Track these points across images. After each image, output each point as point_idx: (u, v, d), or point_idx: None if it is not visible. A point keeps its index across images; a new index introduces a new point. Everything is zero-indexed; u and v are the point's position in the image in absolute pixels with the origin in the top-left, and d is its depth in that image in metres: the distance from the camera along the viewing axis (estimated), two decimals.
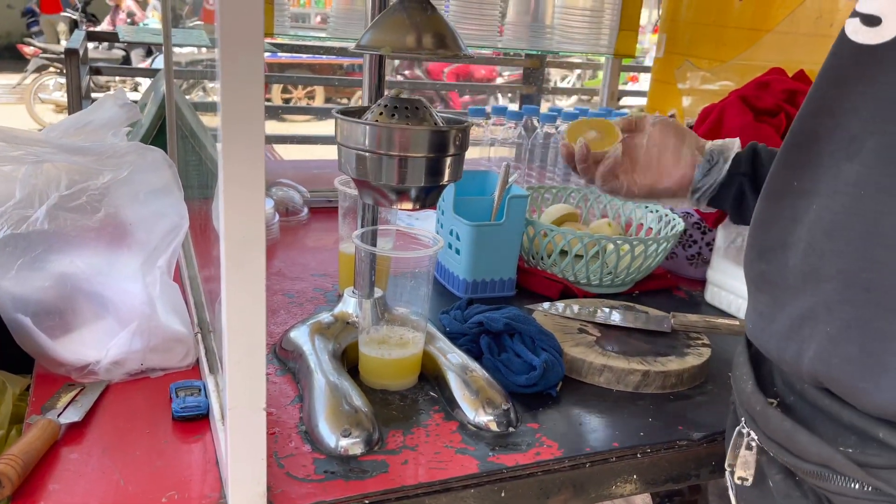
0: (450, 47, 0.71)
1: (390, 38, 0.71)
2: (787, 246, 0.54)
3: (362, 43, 0.73)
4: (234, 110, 0.50)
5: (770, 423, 0.56)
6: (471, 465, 0.72)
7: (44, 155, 0.81)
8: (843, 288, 0.49)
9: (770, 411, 0.56)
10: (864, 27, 0.51)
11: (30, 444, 0.66)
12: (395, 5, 0.72)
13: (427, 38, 0.71)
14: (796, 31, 1.32)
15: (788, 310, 0.54)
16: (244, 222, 0.53)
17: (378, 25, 0.73)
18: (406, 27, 0.70)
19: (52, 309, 0.81)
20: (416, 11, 0.71)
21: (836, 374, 0.50)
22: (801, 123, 0.57)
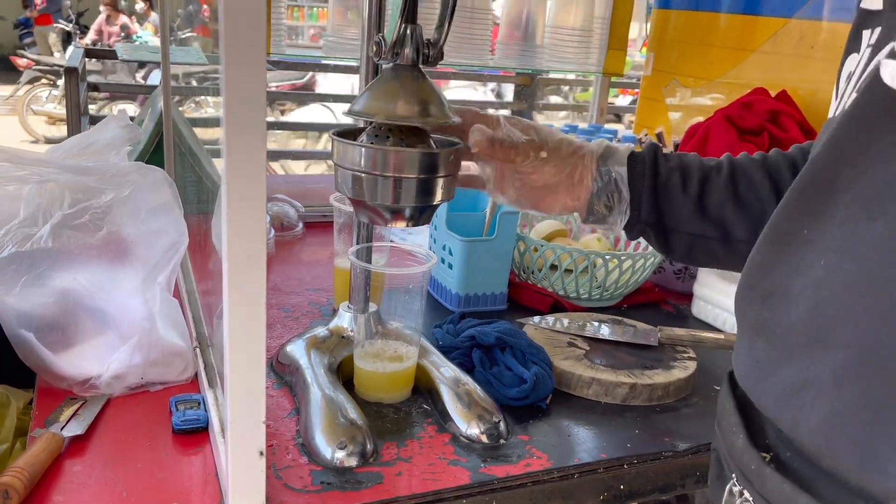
0: (435, 116, 0.74)
1: (382, 105, 0.74)
2: (789, 297, 0.50)
3: (355, 109, 0.76)
4: (238, 147, 0.53)
5: (767, 485, 0.50)
6: (463, 476, 0.74)
7: (47, 175, 0.83)
8: (857, 362, 0.44)
9: (767, 471, 0.50)
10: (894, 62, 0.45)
11: (35, 457, 0.68)
12: (387, 72, 0.75)
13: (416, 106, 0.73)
14: (779, 52, 1.36)
15: (788, 370, 0.49)
16: (246, 243, 0.55)
17: (371, 91, 0.76)
18: (397, 95, 0.73)
19: (55, 324, 0.84)
20: (408, 80, 0.74)
21: (840, 454, 0.45)
22: (817, 167, 0.51)
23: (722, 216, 0.74)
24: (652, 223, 0.76)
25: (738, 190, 0.74)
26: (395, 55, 0.73)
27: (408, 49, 0.72)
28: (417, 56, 0.73)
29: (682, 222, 0.76)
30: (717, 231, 0.75)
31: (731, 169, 0.75)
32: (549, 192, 0.78)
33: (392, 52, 0.73)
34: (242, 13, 0.50)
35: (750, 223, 0.74)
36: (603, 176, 0.77)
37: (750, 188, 0.74)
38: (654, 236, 0.77)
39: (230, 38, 0.51)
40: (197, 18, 1.61)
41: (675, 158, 0.77)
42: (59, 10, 10.20)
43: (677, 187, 0.75)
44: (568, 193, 0.78)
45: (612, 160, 0.77)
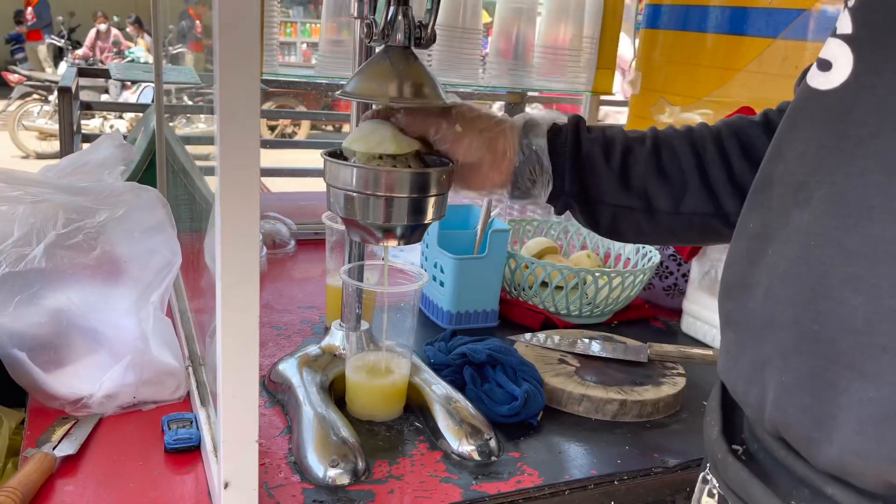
0: (429, 96, 0.75)
1: (374, 86, 0.75)
2: (746, 287, 0.54)
3: (347, 89, 0.77)
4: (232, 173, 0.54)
5: (729, 472, 0.55)
6: (454, 493, 0.75)
7: (41, 195, 0.84)
8: (796, 338, 0.49)
9: (730, 459, 0.55)
10: (818, 71, 0.50)
11: (27, 477, 0.68)
12: (379, 54, 0.76)
13: (408, 87, 0.75)
14: (765, 71, 1.38)
15: (750, 353, 0.53)
16: (239, 261, 0.56)
17: (363, 73, 0.77)
18: (389, 76, 0.74)
19: (48, 344, 0.84)
20: (400, 61, 0.75)
21: (792, 424, 0.49)
22: (761, 167, 0.56)
23: (645, 187, 0.74)
24: (575, 195, 0.76)
25: (662, 161, 0.74)
26: (386, 37, 0.73)
27: (399, 31, 0.73)
28: (409, 38, 0.73)
29: (605, 194, 0.75)
30: (640, 202, 0.75)
31: (655, 140, 0.76)
32: (474, 170, 0.77)
33: (383, 34, 0.73)
34: (236, 31, 0.51)
35: (672, 194, 0.74)
36: (524, 149, 0.76)
37: (673, 159, 0.74)
38: (578, 209, 0.77)
39: (224, 56, 0.51)
40: (190, 34, 1.62)
41: (598, 130, 0.77)
42: (50, 26, 10.22)
43: (600, 158, 0.75)
44: (492, 168, 0.77)
45: (534, 133, 0.76)
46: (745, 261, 0.55)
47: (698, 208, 0.74)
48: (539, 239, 1.37)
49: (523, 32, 1.48)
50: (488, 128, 0.77)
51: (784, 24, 1.36)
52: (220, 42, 0.51)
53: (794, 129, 0.52)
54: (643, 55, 1.69)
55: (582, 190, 0.76)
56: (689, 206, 0.74)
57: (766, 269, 0.52)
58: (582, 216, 0.77)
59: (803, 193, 0.49)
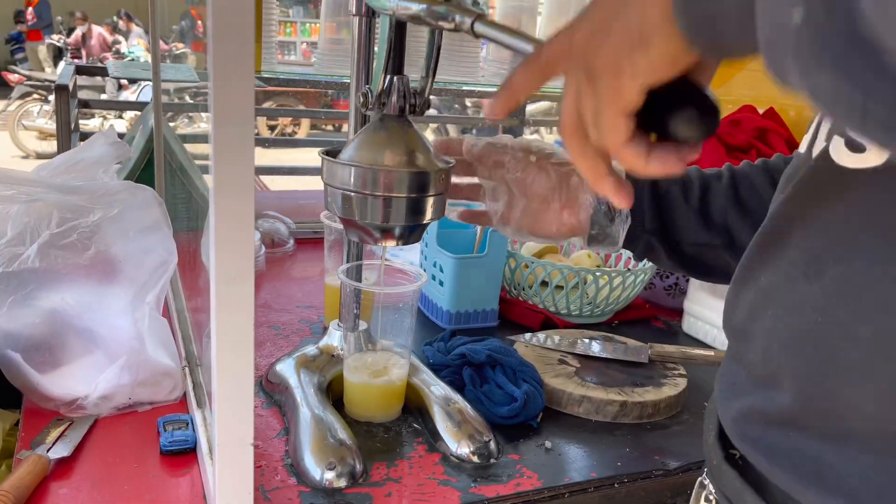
0: (422, 165, 0.75)
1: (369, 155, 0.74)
2: (749, 337, 0.53)
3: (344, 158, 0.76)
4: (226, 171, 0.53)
5: (724, 479, 0.55)
6: (453, 496, 0.74)
7: (35, 193, 0.83)
8: (800, 408, 0.48)
9: (724, 467, 0.55)
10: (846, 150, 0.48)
11: (21, 480, 0.67)
12: (375, 122, 0.76)
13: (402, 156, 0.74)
14: None
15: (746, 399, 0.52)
16: (233, 259, 0.55)
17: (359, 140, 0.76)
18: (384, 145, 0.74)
19: (42, 345, 0.83)
20: (395, 130, 0.75)
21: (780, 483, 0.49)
22: (775, 219, 0.54)
23: (726, 222, 0.74)
24: (656, 231, 0.76)
25: (740, 195, 0.74)
26: (381, 105, 0.74)
27: (394, 99, 0.73)
28: (404, 105, 0.74)
29: (686, 232, 0.75)
30: (722, 238, 0.74)
31: (732, 175, 0.75)
32: (545, 207, 0.77)
33: (379, 102, 0.74)
34: (230, 30, 0.50)
35: (754, 227, 0.72)
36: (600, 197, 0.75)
37: (752, 192, 0.74)
38: (660, 247, 0.76)
39: (218, 54, 0.51)
40: (191, 34, 1.61)
41: None
42: (50, 26, 10.22)
43: (678, 197, 0.75)
44: (565, 207, 0.77)
45: None
46: (746, 311, 0.54)
47: None
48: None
49: (524, 28, 1.47)
50: (562, 164, 0.77)
51: None
52: (214, 38, 0.50)
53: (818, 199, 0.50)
54: None
55: (662, 226, 0.75)
56: None
57: (765, 331, 0.51)
58: (665, 256, 0.77)
59: (817, 266, 0.48)
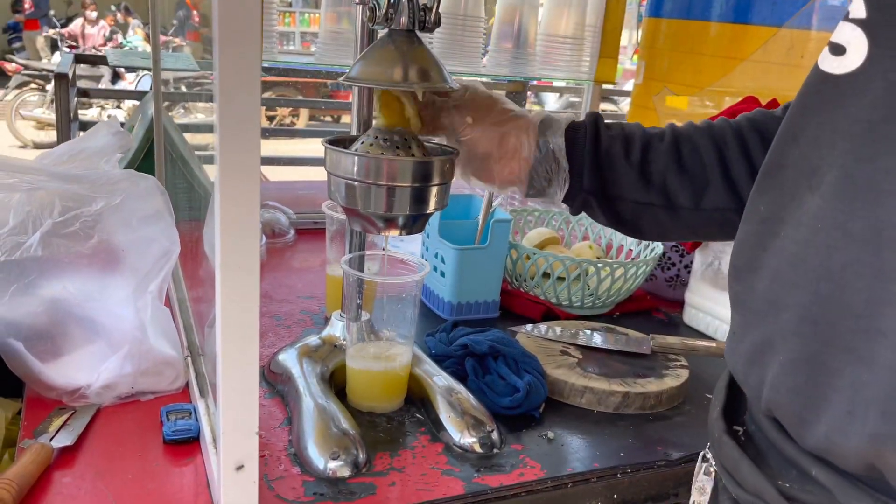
0: (435, 80, 0.74)
1: (378, 70, 0.73)
2: (754, 270, 0.54)
3: (351, 75, 0.76)
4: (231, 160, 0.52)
5: (723, 451, 0.56)
6: (456, 486, 0.74)
7: (38, 182, 0.82)
8: (796, 320, 0.49)
9: (725, 439, 0.56)
10: (831, 56, 0.50)
11: (24, 469, 0.67)
12: (383, 38, 0.75)
13: (413, 71, 0.73)
14: (769, 61, 1.37)
15: (753, 335, 0.54)
16: (239, 252, 0.55)
17: (366, 58, 0.76)
18: (394, 60, 0.73)
19: (44, 334, 0.83)
20: (404, 44, 0.74)
21: (784, 403, 0.50)
22: (772, 150, 0.56)
23: (665, 183, 0.74)
24: (594, 192, 0.75)
25: (682, 156, 0.74)
26: (389, 20, 0.72)
27: (402, 14, 0.71)
28: (413, 21, 0.72)
29: (625, 190, 0.75)
30: (660, 198, 0.74)
31: (675, 136, 0.75)
32: (482, 162, 0.78)
33: (386, 17, 0.72)
34: (236, 18, 0.50)
35: (693, 190, 0.73)
36: (541, 147, 0.75)
37: (693, 154, 0.74)
38: (597, 206, 0.76)
39: (224, 38, 0.50)
40: (187, 24, 1.60)
41: (617, 127, 0.76)
42: (47, 16, 10.17)
43: (619, 155, 0.75)
44: (500, 163, 0.77)
45: (551, 131, 0.75)
46: (755, 244, 0.55)
47: (720, 204, 0.73)
48: (540, 229, 1.36)
49: (525, 20, 1.46)
50: (501, 122, 0.76)
51: (789, 13, 1.35)
52: (220, 23, 0.50)
53: (807, 113, 0.52)
54: (646, 44, 1.67)
55: (601, 186, 0.75)
56: (710, 202, 0.73)
57: (776, 252, 0.52)
58: (601, 213, 0.77)
59: (815, 178, 0.49)
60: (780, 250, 0.52)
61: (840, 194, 0.47)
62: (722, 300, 1.16)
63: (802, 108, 0.53)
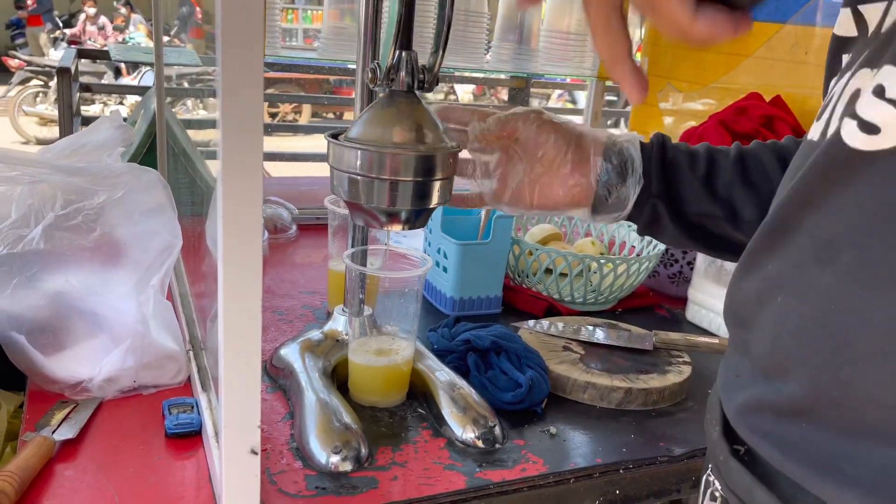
0: (431, 142, 0.74)
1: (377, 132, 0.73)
2: (757, 326, 0.52)
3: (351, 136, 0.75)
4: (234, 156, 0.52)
5: (732, 475, 0.53)
6: (458, 481, 0.74)
7: (40, 175, 0.82)
8: (811, 398, 0.47)
9: (732, 463, 0.53)
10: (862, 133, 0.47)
11: (26, 461, 0.67)
12: (383, 99, 0.75)
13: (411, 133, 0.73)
14: (773, 57, 1.36)
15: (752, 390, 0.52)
16: (241, 244, 0.55)
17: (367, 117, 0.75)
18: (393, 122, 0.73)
19: (47, 327, 0.83)
20: (404, 106, 0.74)
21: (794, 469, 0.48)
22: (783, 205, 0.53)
23: (730, 195, 0.74)
24: (662, 195, 0.75)
25: (747, 170, 0.74)
26: (390, 81, 0.73)
27: (403, 75, 0.72)
28: (413, 81, 0.73)
29: (690, 201, 0.75)
30: (724, 210, 0.74)
31: (740, 152, 0.75)
32: (552, 172, 0.76)
33: (387, 78, 0.73)
34: (240, 14, 0.50)
35: (759, 202, 0.73)
36: (609, 153, 0.75)
37: (760, 169, 0.74)
38: (666, 213, 0.75)
39: (227, 31, 0.50)
40: (191, 20, 1.60)
41: (683, 145, 0.77)
42: (51, 11, 10.17)
43: (684, 166, 0.75)
44: (574, 169, 0.75)
45: (620, 138, 0.77)
46: (754, 300, 0.53)
47: None
48: (543, 225, 1.36)
49: (529, 16, 1.46)
50: (572, 129, 0.76)
51: (793, 9, 1.34)
52: (223, 18, 0.50)
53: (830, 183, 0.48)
54: (649, 40, 1.67)
55: (668, 192, 0.75)
56: None
57: (773, 319, 0.50)
58: (671, 222, 0.76)
59: (827, 251, 0.47)
60: (779, 316, 0.49)
61: (858, 277, 0.45)
62: None
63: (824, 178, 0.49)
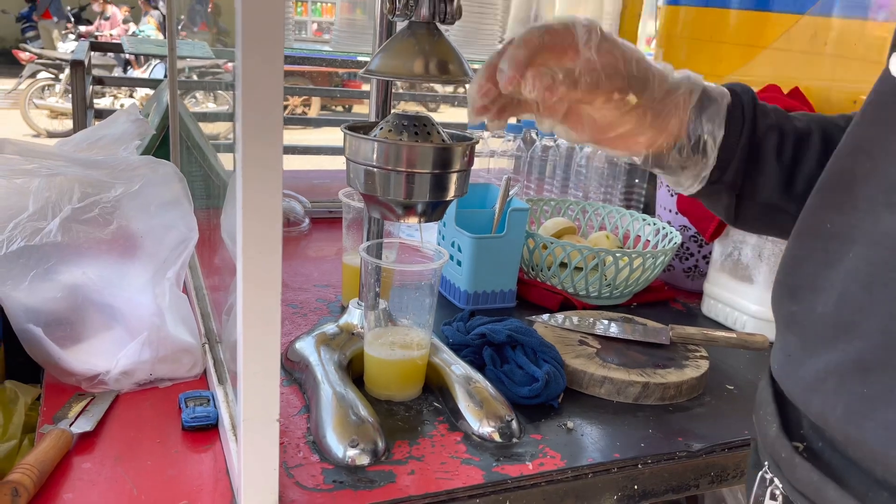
0: (455, 73, 0.73)
1: (399, 63, 0.72)
2: (817, 290, 0.50)
3: (371, 68, 0.75)
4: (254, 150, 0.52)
5: (796, 473, 0.51)
6: (476, 475, 0.74)
7: (57, 168, 0.82)
8: (882, 349, 0.45)
9: (797, 460, 0.51)
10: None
11: (44, 454, 0.67)
12: (403, 30, 0.74)
13: (434, 64, 0.72)
14: (791, 49, 1.35)
15: (816, 360, 0.50)
16: (261, 237, 0.55)
17: (387, 50, 0.75)
18: (414, 53, 0.72)
19: (63, 319, 0.83)
20: (424, 37, 0.73)
21: (869, 438, 0.46)
22: (838, 162, 0.51)
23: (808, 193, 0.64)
24: (733, 186, 0.67)
25: None
26: (409, 12, 0.71)
27: (423, 6, 0.70)
28: (433, 13, 0.71)
29: (764, 192, 0.67)
30: (795, 207, 0.64)
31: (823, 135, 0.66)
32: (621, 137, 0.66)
33: (406, 8, 0.71)
34: (262, 3, 0.49)
35: None
36: (691, 135, 0.65)
37: None
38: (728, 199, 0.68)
39: (248, 29, 0.50)
40: (203, 13, 1.60)
41: (772, 112, 0.67)
42: (56, 2, 10.19)
43: (771, 153, 0.66)
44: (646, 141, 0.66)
45: (707, 114, 0.65)
46: (819, 262, 0.51)
47: None
48: (557, 219, 1.35)
49: (542, 7, 1.45)
50: (660, 98, 0.64)
51: (812, 0, 1.32)
52: (244, 6, 0.49)
53: (882, 124, 0.47)
54: (664, 32, 1.66)
55: (742, 182, 0.67)
56: None
57: (844, 273, 0.48)
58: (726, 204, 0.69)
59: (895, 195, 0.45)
60: (850, 271, 0.47)
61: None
62: (741, 291, 1.15)
63: (876, 120, 0.48)
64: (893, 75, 0.47)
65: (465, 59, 0.74)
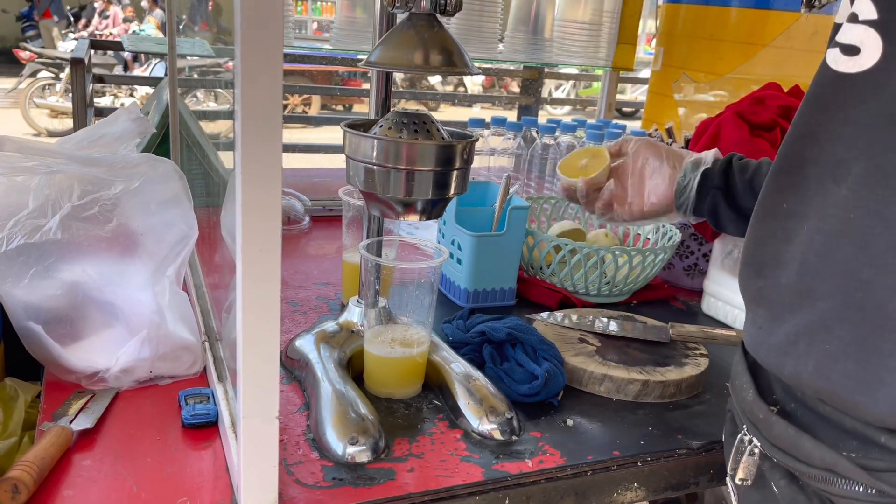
0: (456, 64, 0.73)
1: (399, 54, 0.72)
2: (780, 264, 0.56)
3: (371, 59, 0.75)
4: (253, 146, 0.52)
5: (774, 430, 0.58)
6: (476, 472, 0.74)
7: (57, 166, 0.82)
8: (839, 307, 0.51)
9: (773, 418, 0.58)
10: (844, 56, 0.53)
11: (44, 451, 0.67)
12: (403, 22, 0.74)
13: (434, 55, 0.72)
14: (791, 47, 1.35)
15: (785, 326, 0.56)
16: (261, 234, 0.55)
17: (387, 42, 0.75)
18: (415, 44, 0.72)
19: (63, 317, 0.83)
20: (425, 28, 0.73)
21: (836, 389, 0.52)
22: (788, 148, 0.59)
23: None
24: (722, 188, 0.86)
25: None
26: (410, 4, 0.71)
27: None
28: (433, 5, 0.71)
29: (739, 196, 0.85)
30: None
31: None
32: None
33: (407, 0, 0.71)
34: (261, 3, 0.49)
35: None
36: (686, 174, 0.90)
37: None
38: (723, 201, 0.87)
39: (246, 21, 0.50)
40: (203, 10, 1.60)
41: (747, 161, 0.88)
42: (58, 3, 10.19)
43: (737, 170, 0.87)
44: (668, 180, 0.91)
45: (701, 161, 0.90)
46: (780, 239, 0.57)
47: None
48: (563, 222, 1.35)
49: (542, 6, 1.45)
50: None
51: None
52: (243, 8, 0.49)
53: (824, 111, 0.55)
54: (665, 30, 1.66)
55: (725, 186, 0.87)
56: None
57: (802, 246, 0.54)
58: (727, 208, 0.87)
59: (841, 170, 0.52)
60: (806, 243, 0.54)
61: (871, 184, 0.49)
62: None
63: (817, 107, 0.56)
64: (831, 67, 0.54)
65: (465, 50, 0.74)
